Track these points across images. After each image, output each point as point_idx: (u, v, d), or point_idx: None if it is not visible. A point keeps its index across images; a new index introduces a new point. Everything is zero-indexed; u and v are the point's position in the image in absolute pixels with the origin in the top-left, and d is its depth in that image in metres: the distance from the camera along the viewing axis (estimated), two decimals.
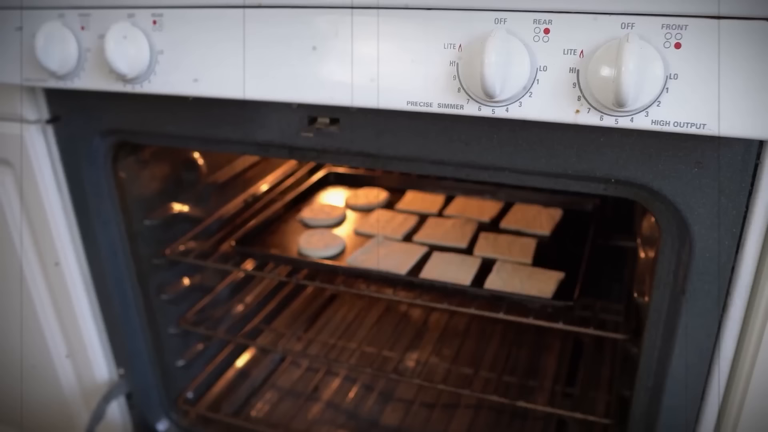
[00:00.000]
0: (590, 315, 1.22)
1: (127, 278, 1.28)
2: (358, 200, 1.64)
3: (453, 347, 1.62)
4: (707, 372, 0.89)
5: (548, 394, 1.45)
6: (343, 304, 1.82)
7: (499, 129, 0.83)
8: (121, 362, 1.35)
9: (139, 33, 0.90)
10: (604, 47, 0.69)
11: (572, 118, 0.73)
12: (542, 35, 0.72)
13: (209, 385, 1.54)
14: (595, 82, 0.69)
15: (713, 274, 0.81)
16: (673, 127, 0.69)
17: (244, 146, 1.01)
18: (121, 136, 1.11)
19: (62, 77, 0.97)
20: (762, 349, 0.82)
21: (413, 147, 0.88)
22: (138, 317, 1.32)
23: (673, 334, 0.88)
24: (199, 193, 1.47)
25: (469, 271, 1.30)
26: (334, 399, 1.53)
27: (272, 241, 1.48)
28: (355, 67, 0.82)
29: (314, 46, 0.83)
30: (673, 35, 0.67)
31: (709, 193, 0.77)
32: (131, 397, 1.39)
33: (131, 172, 1.24)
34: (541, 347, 1.61)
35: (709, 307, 0.84)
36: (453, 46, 0.76)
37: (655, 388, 0.94)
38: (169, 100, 0.98)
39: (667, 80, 0.68)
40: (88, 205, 1.19)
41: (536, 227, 1.46)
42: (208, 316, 1.51)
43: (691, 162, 0.76)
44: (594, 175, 0.81)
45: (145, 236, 1.30)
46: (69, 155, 1.15)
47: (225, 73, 0.88)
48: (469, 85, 0.75)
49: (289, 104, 0.92)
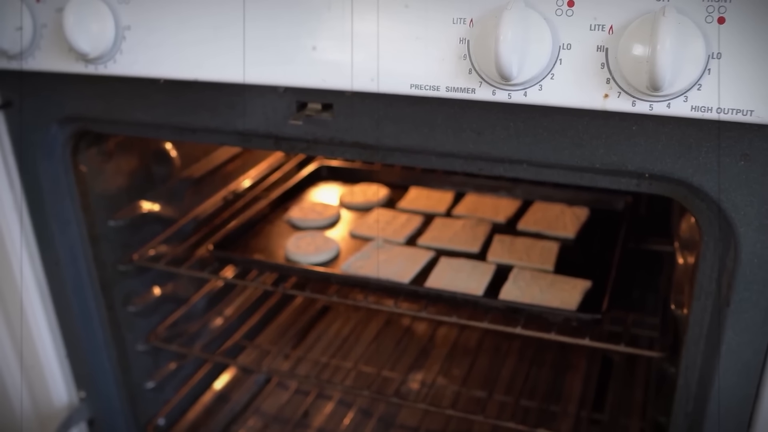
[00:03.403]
0: (621, 330, 1.22)
1: (88, 287, 1.28)
2: (354, 198, 1.64)
3: (463, 367, 1.62)
4: (755, 395, 0.89)
5: (573, 420, 1.45)
6: (337, 317, 1.83)
7: (516, 116, 0.83)
8: (82, 384, 1.35)
9: (102, 6, 0.90)
10: (637, 22, 0.69)
11: (600, 104, 0.74)
12: (566, 8, 0.72)
13: (183, 410, 1.54)
14: (626, 62, 0.70)
15: (762, 282, 0.81)
16: (716, 114, 0.70)
17: (224, 136, 1.02)
18: (82, 124, 1.12)
19: (14, 57, 0.98)
20: None
21: (417, 137, 0.89)
22: (101, 332, 1.33)
23: (716, 352, 0.88)
24: (172, 189, 1.48)
25: (482, 279, 1.30)
26: (326, 426, 1.53)
27: (256, 244, 1.49)
28: (351, 45, 0.82)
29: (304, 20, 0.83)
30: (716, 8, 0.67)
31: (757, 190, 0.77)
32: (93, 423, 1.39)
33: (94, 166, 1.24)
34: (564, 367, 1.61)
35: (756, 321, 0.84)
36: (463, 21, 0.76)
37: (696, 414, 0.94)
38: (137, 82, 0.99)
39: (709, 60, 0.68)
40: (45, 202, 1.19)
41: (559, 229, 1.46)
42: (182, 331, 1.52)
43: (737, 154, 0.76)
44: (625, 168, 0.81)
45: (109, 239, 1.30)
46: (22, 146, 1.15)
47: (201, 52, 0.89)
48: (482, 65, 0.76)
49: (274, 88, 0.93)
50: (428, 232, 1.48)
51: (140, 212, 1.38)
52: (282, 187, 1.70)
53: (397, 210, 1.59)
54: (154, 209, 1.42)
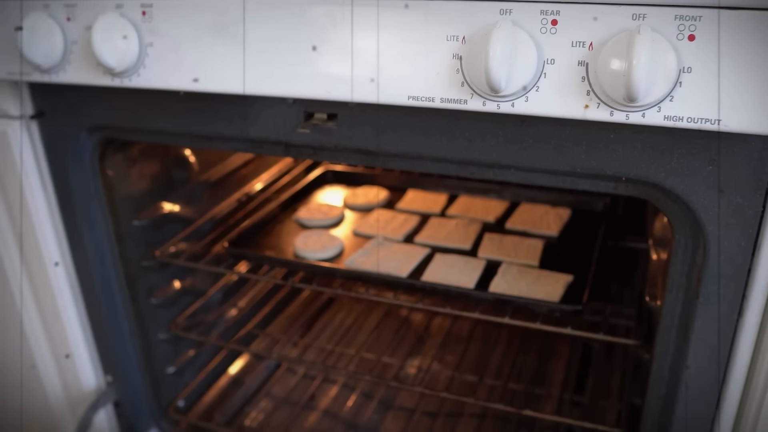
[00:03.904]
0: (600, 320, 1.22)
1: (115, 281, 1.28)
2: (356, 199, 1.64)
3: (456, 353, 1.62)
4: (722, 380, 0.89)
5: (556, 402, 1.45)
6: (341, 308, 1.83)
7: (504, 125, 0.83)
8: (109, 369, 1.35)
9: (127, 24, 0.90)
10: (615, 39, 0.69)
11: (581, 114, 0.73)
12: (549, 27, 0.72)
13: (201, 393, 1.54)
14: (604, 75, 0.70)
15: (729, 276, 0.82)
16: (687, 123, 0.70)
17: (238, 143, 1.02)
18: (108, 133, 1.12)
19: (47, 71, 0.98)
20: None
21: (414, 144, 0.89)
22: (126, 322, 1.33)
23: (686, 340, 0.88)
24: (191, 192, 1.47)
25: (473, 273, 1.30)
26: (331, 407, 1.53)
27: (267, 242, 1.48)
28: (354, 60, 0.82)
29: (311, 38, 0.83)
30: (687, 27, 0.67)
31: (724, 193, 0.77)
32: (119, 405, 1.39)
33: (119, 170, 1.24)
34: (548, 353, 1.61)
35: (724, 312, 0.84)
36: (456, 39, 0.76)
37: (668, 397, 0.94)
38: (159, 94, 0.98)
39: (681, 74, 0.68)
40: (74, 204, 1.19)
41: (543, 228, 1.46)
42: (200, 321, 1.51)
43: (706, 160, 0.76)
44: (604, 173, 0.82)
45: (133, 237, 1.30)
46: (54, 152, 1.15)
47: (218, 66, 0.89)
48: (473, 79, 0.75)
49: (284, 99, 0.92)
50: (424, 230, 1.48)
51: (162, 213, 1.38)
52: (291, 189, 1.70)
53: (395, 210, 1.59)
54: (174, 210, 1.42)
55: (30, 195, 1.19)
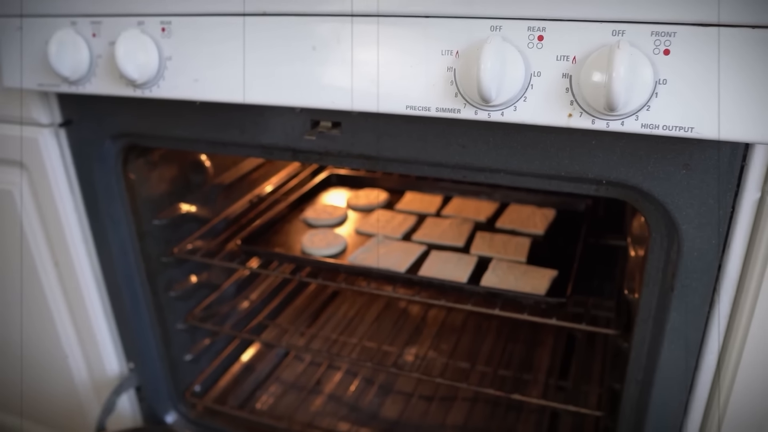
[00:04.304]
0: (582, 311, 1.22)
1: (136, 276, 1.28)
2: (359, 201, 1.64)
3: (450, 342, 1.62)
4: (695, 366, 0.89)
5: (542, 387, 1.45)
6: (344, 300, 1.82)
7: (494, 132, 0.83)
8: (131, 357, 1.35)
9: (148, 40, 0.90)
10: (596, 53, 0.69)
11: (565, 122, 0.73)
12: (536, 42, 0.72)
13: (216, 379, 1.54)
14: (587, 87, 0.69)
15: (701, 271, 0.82)
16: (662, 130, 0.69)
17: (249, 149, 1.01)
18: (130, 139, 1.11)
19: (74, 82, 0.97)
20: (747, 344, 0.82)
21: (412, 149, 0.88)
22: (147, 313, 1.32)
23: (662, 330, 0.88)
24: (206, 193, 1.47)
25: (466, 269, 1.29)
26: (335, 392, 1.53)
27: (276, 240, 1.48)
28: (356, 72, 0.81)
29: (317, 52, 0.82)
30: (662, 42, 0.67)
31: (696, 194, 0.77)
32: (141, 390, 1.39)
33: (141, 174, 1.23)
34: (535, 342, 1.61)
35: (696, 304, 0.84)
36: (450, 53, 0.76)
37: (645, 382, 0.94)
38: (177, 104, 0.98)
39: (657, 85, 0.68)
40: (99, 205, 1.18)
41: (530, 227, 1.46)
42: (215, 312, 1.51)
43: (680, 164, 0.76)
44: (586, 176, 0.81)
45: (154, 235, 1.30)
46: (81, 157, 1.15)
47: (231, 78, 0.88)
48: (466, 90, 0.75)
49: (292, 108, 0.92)
50: (421, 229, 1.48)
51: (180, 213, 1.38)
52: (298, 192, 1.70)
53: (395, 211, 1.59)
54: (191, 210, 1.42)
55: (59, 196, 1.19)
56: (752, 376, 0.84)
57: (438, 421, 1.42)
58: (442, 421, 1.42)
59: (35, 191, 1.21)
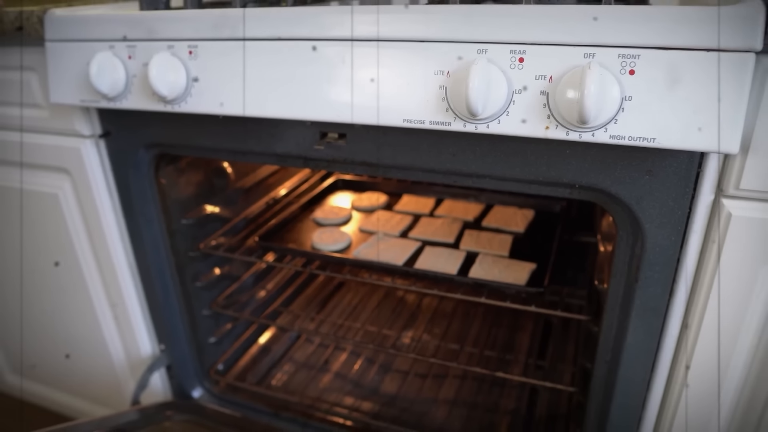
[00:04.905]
0: (558, 299, 1.22)
1: (167, 269, 1.28)
2: (362, 203, 1.63)
3: (442, 327, 1.62)
4: (656, 347, 0.89)
5: (522, 366, 1.45)
6: (349, 290, 1.82)
7: (481, 142, 0.82)
8: (162, 339, 1.35)
9: (177, 62, 0.89)
10: (570, 73, 0.69)
11: (542, 134, 0.73)
12: (517, 63, 0.72)
13: (236, 359, 1.53)
14: (562, 102, 0.69)
15: (662, 264, 0.81)
16: (628, 141, 0.69)
17: (266, 157, 1.01)
18: (161, 149, 1.11)
19: (112, 99, 0.97)
20: (703, 328, 0.82)
21: (408, 157, 0.88)
22: (176, 301, 1.32)
23: (627, 316, 0.88)
24: (228, 196, 1.47)
25: (456, 262, 1.29)
26: (341, 370, 1.52)
27: (290, 237, 1.47)
28: (359, 90, 0.81)
29: (325, 72, 0.82)
30: (628, 63, 0.67)
31: (658, 197, 0.77)
32: (171, 368, 1.39)
33: (170, 179, 1.23)
34: (516, 327, 1.61)
35: (658, 293, 0.84)
36: (442, 73, 0.75)
37: (612, 362, 0.94)
38: (202, 118, 0.98)
39: (623, 101, 0.68)
40: (134, 206, 1.18)
41: (512, 225, 1.45)
42: (236, 301, 1.51)
43: (643, 170, 0.76)
44: (561, 181, 0.81)
45: (182, 233, 1.29)
46: (118, 165, 1.15)
47: (250, 95, 0.87)
48: (456, 105, 0.75)
49: (303, 122, 0.92)
50: (416, 228, 1.47)
51: (205, 213, 1.37)
52: (309, 195, 1.69)
53: (393, 212, 1.58)
54: (215, 211, 1.41)
55: (99, 199, 1.19)
56: (706, 355, 0.84)
57: (431, 395, 1.42)
58: (434, 396, 1.42)
59: (78, 194, 1.20)
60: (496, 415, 1.35)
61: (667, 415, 0.92)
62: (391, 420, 1.32)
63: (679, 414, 0.90)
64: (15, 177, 1.27)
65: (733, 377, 0.85)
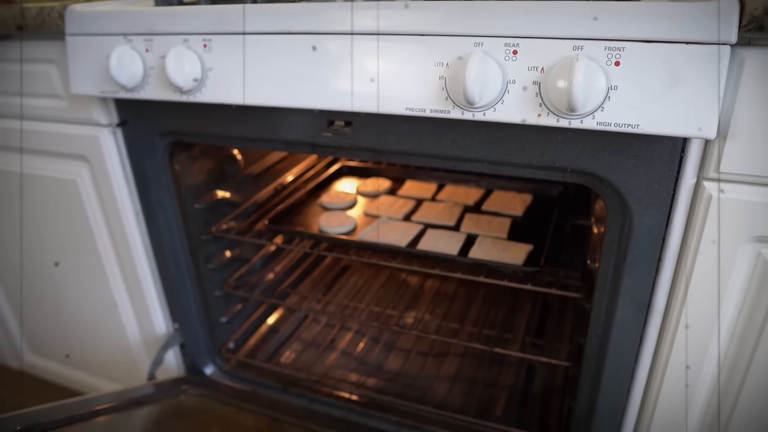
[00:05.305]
0: (554, 279, 1.23)
1: (180, 251, 1.30)
2: (366, 188, 1.64)
3: (443, 306, 1.63)
4: (644, 322, 0.92)
5: (520, 343, 1.46)
6: (354, 272, 1.83)
7: (478, 129, 0.85)
8: (176, 318, 1.38)
9: (192, 54, 0.92)
10: (560, 65, 0.71)
11: (535, 121, 0.75)
12: (512, 55, 0.74)
13: (246, 338, 1.55)
14: (552, 92, 0.72)
15: (648, 244, 0.84)
16: (614, 127, 0.72)
17: (276, 144, 1.02)
18: (176, 137, 1.12)
19: (131, 90, 0.99)
20: (687, 302, 0.85)
21: (410, 143, 0.90)
22: (189, 282, 1.34)
23: (616, 293, 0.90)
24: (238, 182, 1.48)
25: (456, 244, 1.31)
26: (347, 349, 1.54)
27: (297, 220, 1.48)
28: (364, 80, 0.83)
29: (332, 63, 0.84)
30: (614, 55, 0.70)
31: (644, 180, 0.79)
32: (184, 346, 1.42)
33: (184, 166, 1.25)
34: (515, 308, 1.62)
35: (645, 270, 0.87)
36: (442, 64, 0.78)
37: (603, 336, 0.96)
38: (215, 107, 1.00)
39: (609, 91, 0.70)
40: (150, 192, 1.21)
41: (511, 209, 1.46)
42: (246, 282, 1.52)
43: (630, 155, 0.78)
44: (553, 165, 0.83)
45: (195, 217, 1.31)
46: (134, 152, 1.17)
47: (261, 85, 0.90)
48: (455, 94, 0.78)
49: (311, 110, 0.94)
50: (419, 211, 1.48)
51: (216, 198, 1.39)
52: (315, 180, 1.70)
53: (397, 196, 1.59)
54: (225, 196, 1.43)
55: (116, 184, 1.21)
56: (691, 328, 0.87)
57: (433, 372, 1.44)
58: (436, 373, 1.44)
59: (96, 181, 1.23)
60: (494, 390, 1.38)
61: (654, 385, 0.95)
62: (394, 395, 1.34)
63: (665, 384, 0.93)
64: (31, 164, 1.30)
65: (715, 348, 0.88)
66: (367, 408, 1.31)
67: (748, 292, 0.82)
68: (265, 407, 1.29)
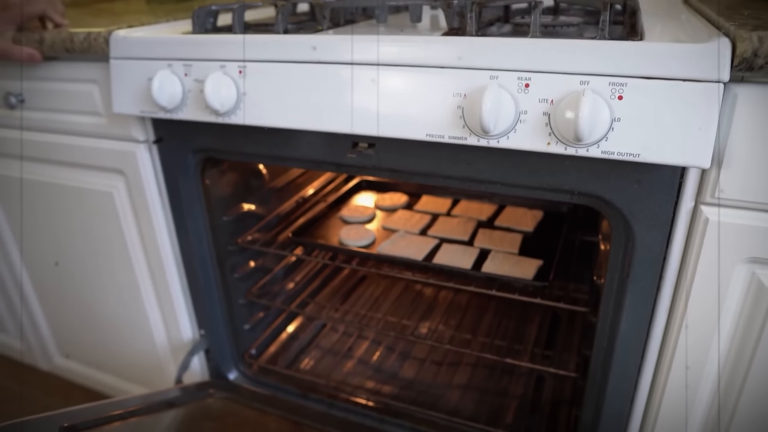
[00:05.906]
0: (562, 293, 1.25)
1: (209, 261, 1.32)
2: (384, 202, 1.66)
3: (457, 317, 1.65)
4: (646, 335, 0.95)
5: (530, 355, 1.48)
6: (371, 283, 1.83)
7: (492, 154, 0.88)
8: (203, 325, 1.41)
9: (228, 80, 0.96)
10: (568, 98, 0.75)
11: (545, 148, 0.79)
12: (524, 88, 0.78)
13: (268, 344, 1.57)
14: (561, 122, 0.75)
15: (650, 262, 0.87)
16: (617, 156, 0.75)
17: (303, 162, 1.05)
18: (207, 153, 1.15)
19: (170, 111, 1.03)
20: (686, 317, 0.88)
21: (429, 166, 0.93)
22: (216, 291, 1.37)
23: (620, 307, 0.93)
24: (263, 195, 1.50)
25: (470, 258, 1.33)
26: (363, 357, 1.56)
27: (318, 233, 1.51)
28: (387, 107, 0.87)
29: (358, 91, 0.88)
30: (617, 90, 0.74)
31: (646, 203, 0.83)
32: (209, 352, 1.44)
33: (214, 180, 1.28)
34: (525, 320, 1.62)
35: (647, 287, 0.89)
36: (460, 95, 0.82)
37: (608, 348, 0.99)
38: (249, 128, 1.03)
39: (613, 122, 0.74)
40: (182, 204, 1.24)
41: (522, 225, 1.48)
42: (268, 291, 1.55)
43: (633, 180, 0.82)
44: (562, 188, 0.87)
45: (223, 229, 1.34)
46: (168, 167, 1.21)
47: (292, 110, 0.94)
48: (471, 123, 0.81)
49: (337, 134, 0.97)
50: (435, 226, 1.50)
51: (242, 211, 1.41)
52: (336, 194, 1.72)
53: (413, 211, 1.61)
54: (251, 208, 1.45)
55: (150, 197, 1.24)
56: (691, 341, 0.90)
57: (446, 381, 1.46)
58: (449, 381, 1.46)
59: (131, 193, 1.27)
60: (505, 399, 1.40)
61: (657, 395, 0.97)
62: (409, 401, 1.36)
63: (667, 395, 0.95)
64: (70, 176, 1.35)
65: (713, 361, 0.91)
66: (383, 414, 1.33)
67: (744, 308, 0.85)
68: (287, 411, 1.32)
